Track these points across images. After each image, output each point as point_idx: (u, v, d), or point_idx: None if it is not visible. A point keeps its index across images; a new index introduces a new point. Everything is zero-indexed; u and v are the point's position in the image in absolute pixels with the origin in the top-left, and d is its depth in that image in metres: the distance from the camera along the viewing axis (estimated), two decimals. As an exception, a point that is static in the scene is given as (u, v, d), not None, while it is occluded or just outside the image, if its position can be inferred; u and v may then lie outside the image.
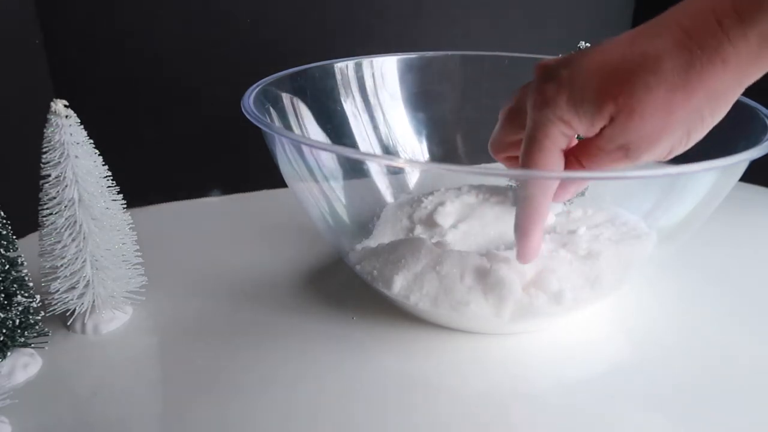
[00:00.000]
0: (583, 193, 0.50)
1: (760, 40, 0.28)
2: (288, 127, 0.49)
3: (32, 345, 0.39)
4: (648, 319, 0.45)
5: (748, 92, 0.46)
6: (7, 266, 0.37)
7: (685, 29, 0.29)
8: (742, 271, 0.52)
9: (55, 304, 0.40)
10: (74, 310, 0.41)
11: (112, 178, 0.41)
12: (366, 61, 0.55)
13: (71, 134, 0.38)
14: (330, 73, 0.54)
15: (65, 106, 0.38)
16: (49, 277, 0.40)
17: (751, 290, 0.49)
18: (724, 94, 0.30)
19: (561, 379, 0.39)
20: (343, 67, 0.55)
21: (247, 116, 0.39)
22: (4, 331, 0.37)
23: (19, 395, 0.36)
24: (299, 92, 0.51)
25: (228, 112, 0.49)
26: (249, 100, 0.42)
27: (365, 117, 0.56)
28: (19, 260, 0.38)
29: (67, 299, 0.40)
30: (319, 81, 0.53)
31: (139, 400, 0.37)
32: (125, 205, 0.42)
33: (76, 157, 0.38)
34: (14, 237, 0.38)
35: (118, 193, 0.41)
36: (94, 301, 0.41)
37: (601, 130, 0.32)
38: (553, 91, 0.32)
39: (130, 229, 0.43)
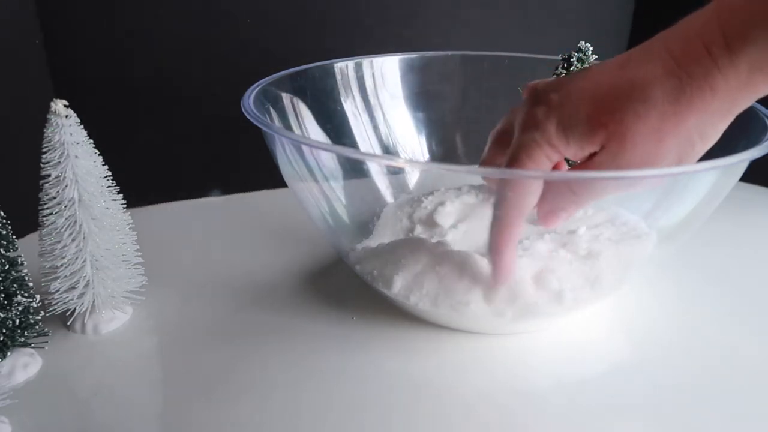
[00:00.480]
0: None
1: (750, 68, 0.28)
2: (288, 127, 0.49)
3: (32, 345, 0.39)
4: (648, 319, 0.45)
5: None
6: (7, 266, 0.37)
7: (674, 56, 0.29)
8: (742, 271, 0.52)
9: (55, 304, 0.40)
10: (74, 310, 0.41)
11: (112, 178, 0.41)
12: (366, 61, 0.55)
13: (71, 134, 0.38)
14: (330, 73, 0.54)
15: (65, 106, 0.38)
16: (49, 277, 0.40)
17: (751, 290, 0.49)
18: (713, 122, 0.30)
19: (561, 379, 0.39)
20: (343, 67, 0.55)
21: (247, 116, 0.39)
22: (4, 331, 0.37)
23: (19, 395, 0.36)
24: (299, 92, 0.51)
25: (228, 112, 0.49)
26: (249, 100, 0.42)
27: (365, 117, 0.56)
28: (19, 260, 0.38)
29: (67, 299, 0.40)
30: (319, 81, 0.53)
31: (139, 400, 0.37)
32: (125, 205, 0.42)
33: (76, 157, 0.38)
34: (14, 237, 0.38)
35: (118, 193, 0.41)
36: (94, 301, 0.41)
37: (592, 157, 0.32)
38: (543, 114, 0.32)
39: (130, 229, 0.43)
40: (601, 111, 0.31)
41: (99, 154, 0.40)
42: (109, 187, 0.41)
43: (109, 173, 0.41)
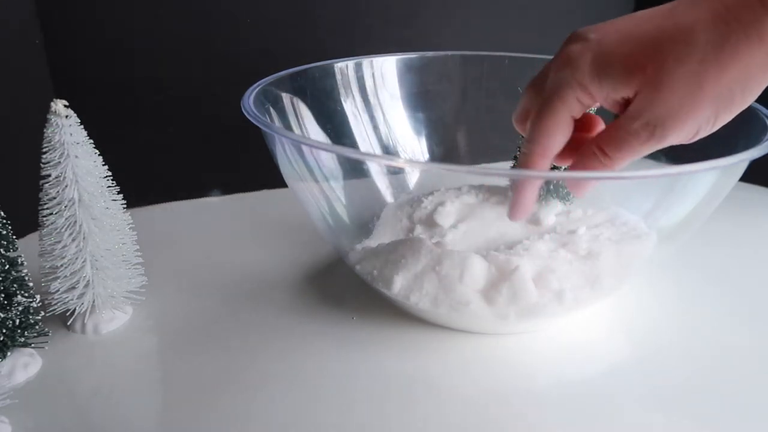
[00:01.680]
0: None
1: None
2: (288, 127, 0.49)
3: (32, 345, 0.39)
4: (648, 319, 0.45)
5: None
6: (7, 266, 0.37)
7: (724, 2, 0.28)
8: (742, 271, 0.52)
9: (55, 304, 0.40)
10: (74, 310, 0.41)
11: (112, 178, 0.41)
12: (366, 61, 0.55)
13: (71, 134, 0.38)
14: (330, 73, 0.54)
15: (65, 106, 0.38)
16: (49, 277, 0.40)
17: (751, 290, 0.49)
18: (756, 75, 0.29)
19: (561, 378, 0.39)
20: (343, 67, 0.55)
21: (247, 116, 0.39)
22: (4, 331, 0.37)
23: (19, 395, 0.36)
24: (299, 92, 0.51)
25: (228, 112, 0.49)
26: (249, 100, 0.42)
27: (365, 117, 0.56)
28: (19, 260, 0.38)
29: (67, 299, 0.40)
30: (319, 81, 0.53)
31: (139, 400, 0.37)
32: (125, 205, 0.42)
33: (76, 157, 0.38)
34: (14, 237, 0.38)
35: (118, 193, 0.41)
36: (94, 301, 0.41)
37: (626, 105, 0.31)
38: (578, 52, 0.31)
39: (130, 229, 0.43)
40: (640, 52, 0.29)
41: (99, 154, 0.40)
42: (109, 187, 0.41)
43: (109, 173, 0.41)
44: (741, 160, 0.33)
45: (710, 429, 0.35)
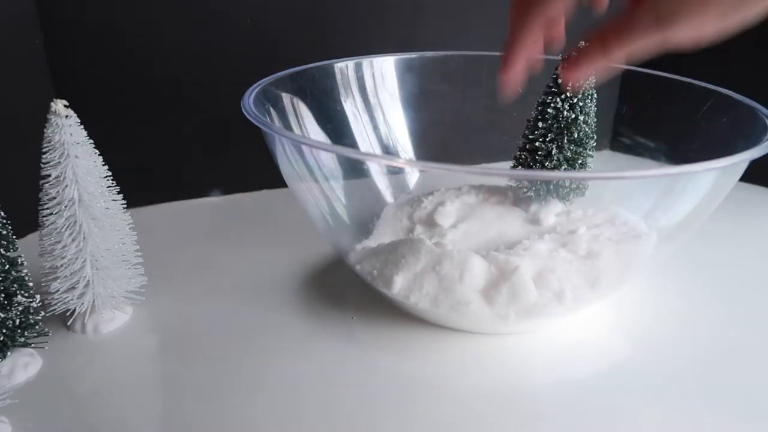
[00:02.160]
0: (583, 193, 0.50)
1: None
2: (288, 127, 0.49)
3: (32, 345, 0.39)
4: (648, 319, 0.45)
5: (748, 92, 0.46)
6: (7, 266, 0.37)
7: None
8: (742, 271, 0.52)
9: (55, 304, 0.40)
10: (74, 310, 0.41)
11: (112, 178, 0.41)
12: (366, 61, 0.55)
13: (71, 134, 0.38)
14: (330, 73, 0.54)
15: (65, 106, 0.38)
16: (49, 277, 0.40)
17: (751, 290, 0.49)
18: None
19: (561, 378, 0.39)
20: (343, 67, 0.55)
21: (247, 116, 0.39)
22: (4, 331, 0.37)
23: (19, 395, 0.36)
24: (299, 92, 0.51)
25: (228, 112, 0.49)
26: (249, 100, 0.42)
27: (365, 117, 0.56)
28: (19, 260, 0.38)
29: (67, 299, 0.40)
30: (319, 81, 0.53)
31: (139, 400, 0.37)
32: (125, 205, 0.42)
33: (76, 157, 0.38)
34: (14, 237, 0.38)
35: (118, 193, 0.41)
36: (94, 301, 0.41)
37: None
38: None
39: (130, 229, 0.43)
40: None
41: (99, 154, 0.40)
42: (109, 187, 0.41)
43: (110, 173, 0.41)
44: (741, 160, 0.34)
45: (710, 428, 0.35)
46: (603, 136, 0.58)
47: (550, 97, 0.48)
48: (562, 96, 0.48)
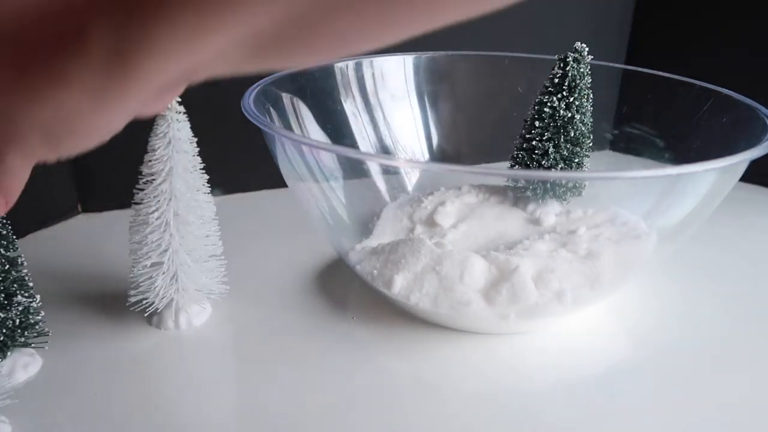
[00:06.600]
0: (580, 193, 0.50)
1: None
2: (288, 127, 0.49)
3: (32, 345, 0.39)
4: (648, 319, 0.45)
5: (748, 92, 0.46)
6: (7, 266, 0.37)
7: None
8: (742, 271, 0.52)
9: (154, 298, 0.40)
10: (160, 304, 0.40)
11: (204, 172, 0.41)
12: (366, 61, 0.55)
13: (178, 130, 0.38)
14: (330, 73, 0.54)
15: (179, 103, 0.38)
16: (143, 272, 0.40)
17: (751, 290, 0.49)
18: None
19: (561, 378, 0.39)
20: (343, 67, 0.55)
21: (247, 116, 0.39)
22: (4, 331, 0.37)
23: (19, 395, 0.36)
24: (299, 92, 0.51)
25: (228, 112, 0.49)
26: (249, 100, 0.42)
27: (365, 117, 0.56)
28: (19, 260, 0.38)
29: (155, 293, 0.40)
30: (319, 81, 0.53)
31: (139, 400, 0.37)
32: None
33: (180, 152, 0.39)
34: (14, 237, 0.38)
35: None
36: (176, 298, 0.41)
37: None
38: None
39: (213, 221, 0.42)
40: None
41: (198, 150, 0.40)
42: (204, 184, 0.41)
43: (203, 165, 0.41)
44: (741, 160, 0.34)
45: (710, 428, 0.35)
46: (603, 136, 0.58)
47: (546, 97, 0.48)
48: (559, 95, 0.48)
